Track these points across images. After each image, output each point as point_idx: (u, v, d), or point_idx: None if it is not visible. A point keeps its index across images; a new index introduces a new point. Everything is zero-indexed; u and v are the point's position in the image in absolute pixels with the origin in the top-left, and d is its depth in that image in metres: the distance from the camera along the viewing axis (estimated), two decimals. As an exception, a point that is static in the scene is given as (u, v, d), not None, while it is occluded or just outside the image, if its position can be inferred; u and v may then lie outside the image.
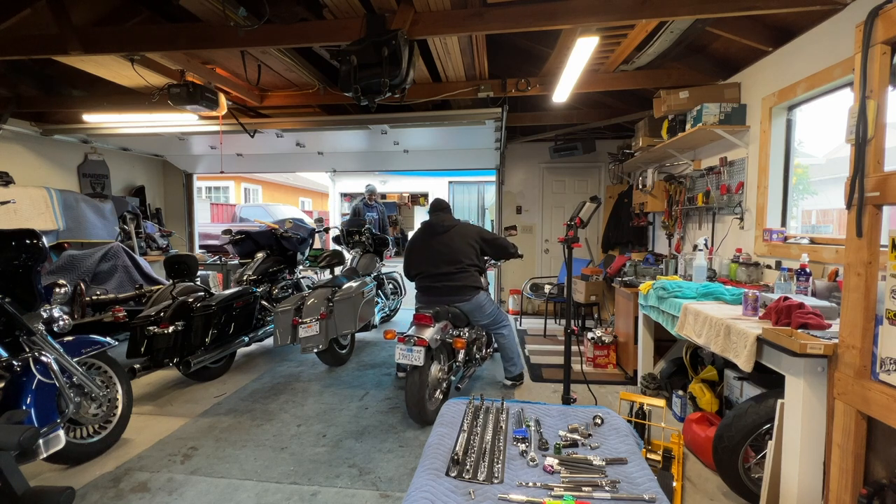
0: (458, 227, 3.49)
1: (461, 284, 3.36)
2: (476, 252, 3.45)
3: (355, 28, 2.92)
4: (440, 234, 3.47)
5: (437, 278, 3.40)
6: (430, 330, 2.94)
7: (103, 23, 3.46)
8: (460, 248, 3.39)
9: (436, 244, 3.45)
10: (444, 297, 3.36)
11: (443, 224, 3.49)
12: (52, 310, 2.39)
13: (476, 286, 3.41)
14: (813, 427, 1.83)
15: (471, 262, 3.42)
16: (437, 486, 1.44)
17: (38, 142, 5.11)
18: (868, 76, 1.52)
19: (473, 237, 3.48)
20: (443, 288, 3.38)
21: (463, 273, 3.37)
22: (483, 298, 3.45)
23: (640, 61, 3.76)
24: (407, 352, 2.84)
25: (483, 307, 3.45)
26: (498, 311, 3.58)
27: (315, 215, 14.84)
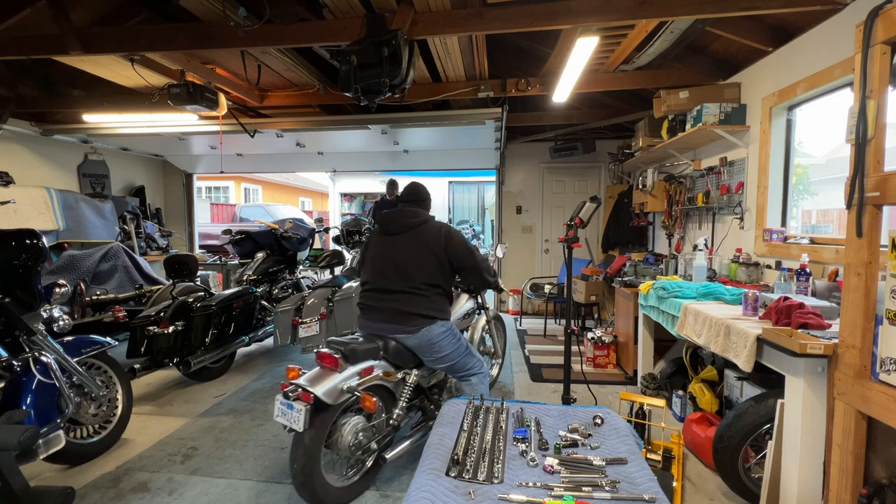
0: (420, 230, 2.45)
1: (406, 310, 2.35)
2: (440, 266, 2.42)
3: (355, 28, 2.92)
4: (393, 236, 2.48)
5: (380, 297, 2.44)
6: (332, 379, 2.05)
7: (103, 23, 3.46)
8: (415, 259, 2.40)
9: (386, 249, 2.48)
10: (383, 325, 2.40)
11: (400, 221, 2.48)
12: (52, 310, 2.39)
13: (427, 314, 2.37)
14: (813, 427, 1.83)
15: (428, 279, 2.39)
16: (437, 486, 1.44)
17: (38, 142, 5.11)
18: (868, 76, 1.52)
19: (439, 245, 2.40)
20: (385, 311, 2.39)
21: (414, 294, 2.38)
22: (438, 333, 2.38)
23: (640, 61, 3.76)
24: (286, 408, 1.99)
25: (436, 345, 2.39)
26: (466, 354, 2.52)
27: (315, 215, 14.85)
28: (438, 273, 2.43)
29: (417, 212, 2.53)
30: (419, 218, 2.49)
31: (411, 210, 2.54)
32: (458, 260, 2.45)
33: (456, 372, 2.54)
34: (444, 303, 2.50)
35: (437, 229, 2.46)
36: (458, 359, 2.48)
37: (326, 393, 2.00)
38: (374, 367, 2.23)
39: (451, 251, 2.42)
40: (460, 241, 2.47)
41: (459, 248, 2.45)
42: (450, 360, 2.47)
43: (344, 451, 2.15)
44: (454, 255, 2.43)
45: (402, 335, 2.38)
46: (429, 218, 2.53)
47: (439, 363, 2.48)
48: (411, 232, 2.45)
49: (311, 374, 2.08)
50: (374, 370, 2.23)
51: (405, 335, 2.37)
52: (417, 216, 2.50)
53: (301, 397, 1.99)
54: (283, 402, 2.01)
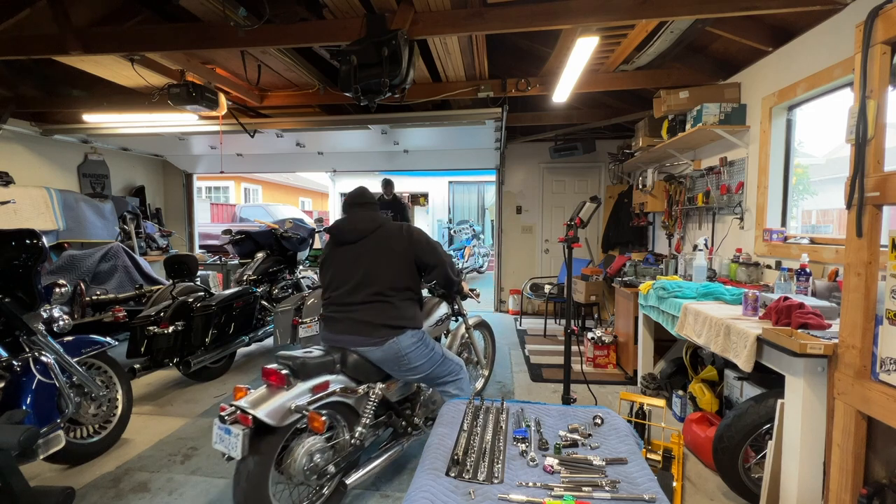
0: (379, 233, 2.28)
1: (369, 320, 2.16)
2: (407, 267, 2.27)
3: (355, 28, 2.92)
4: (351, 245, 2.30)
5: (342, 308, 2.25)
6: (278, 398, 1.83)
7: (103, 23, 3.47)
8: (378, 264, 2.23)
9: (345, 260, 2.30)
10: (345, 337, 2.21)
11: (356, 228, 2.31)
12: (52, 310, 2.39)
13: (394, 324, 2.18)
14: (813, 427, 1.83)
15: (395, 283, 2.22)
16: (437, 486, 1.44)
17: (38, 142, 5.11)
18: (868, 76, 1.52)
19: (402, 245, 2.25)
20: (346, 322, 2.21)
21: (378, 303, 2.19)
22: (407, 344, 2.19)
23: (640, 61, 3.76)
24: (223, 433, 1.75)
25: (405, 357, 2.21)
26: (440, 363, 2.35)
27: (315, 215, 14.85)
28: (406, 275, 2.27)
29: (373, 215, 2.35)
30: (376, 221, 2.32)
31: (366, 215, 2.35)
32: (423, 256, 2.28)
33: (431, 381, 2.39)
34: (414, 309, 2.30)
35: (397, 229, 2.31)
36: (431, 368, 2.31)
37: (270, 413, 1.76)
38: (329, 383, 2.01)
39: (415, 248, 2.27)
40: (423, 237, 2.33)
41: (423, 244, 2.29)
42: (422, 371, 2.29)
43: (298, 476, 1.92)
44: (419, 253, 2.27)
45: (365, 348, 2.18)
46: (385, 220, 2.37)
47: (410, 375, 2.30)
48: (371, 236, 2.28)
49: (255, 393, 1.86)
50: (330, 385, 2.01)
51: (369, 348, 2.17)
52: (374, 220, 2.32)
53: (239, 420, 1.75)
54: (220, 427, 1.76)
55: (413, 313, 2.28)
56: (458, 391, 2.39)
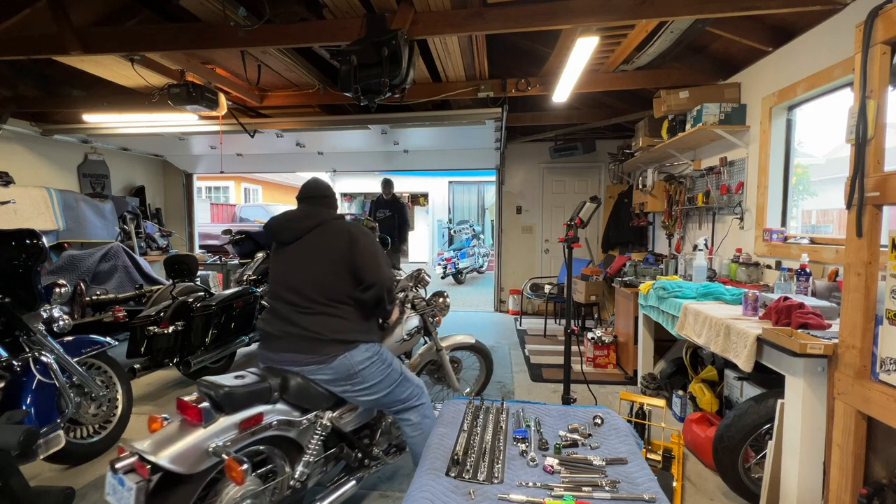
0: (317, 233, 1.97)
1: (314, 335, 1.86)
2: (350, 276, 1.93)
3: (355, 28, 2.92)
4: (287, 246, 2.02)
5: (280, 321, 1.93)
6: (192, 437, 1.49)
7: (103, 23, 3.46)
8: (314, 270, 1.92)
9: (282, 262, 2.02)
10: (286, 356, 1.88)
11: (292, 226, 2.01)
12: (52, 310, 2.39)
13: (344, 338, 1.89)
14: (813, 427, 1.83)
15: (335, 294, 1.91)
16: (437, 486, 1.44)
17: (38, 142, 5.11)
18: (868, 76, 1.52)
19: (341, 250, 1.93)
20: (286, 338, 1.89)
21: (324, 315, 1.89)
22: (360, 360, 1.90)
23: (640, 61, 3.76)
24: (116, 483, 1.41)
25: (358, 375, 1.90)
26: (398, 383, 2.03)
27: (315, 215, 14.82)
28: (348, 285, 1.93)
29: (314, 211, 2.03)
30: (315, 219, 1.99)
31: (306, 210, 2.04)
32: (362, 271, 1.92)
33: (388, 406, 2.05)
34: (367, 320, 2.00)
35: (339, 230, 1.98)
36: (388, 389, 1.98)
37: (178, 458, 1.42)
38: (262, 415, 1.68)
39: (356, 259, 1.92)
40: (369, 248, 1.96)
41: (367, 257, 1.93)
42: (378, 390, 1.96)
43: None
44: (359, 265, 1.92)
45: (311, 367, 1.86)
46: (328, 217, 2.02)
47: (365, 395, 1.95)
48: (307, 237, 1.98)
49: (161, 433, 1.51)
50: (265, 418, 1.68)
51: (316, 367, 1.86)
52: (313, 216, 2.00)
53: (136, 468, 1.39)
54: (112, 476, 1.40)
55: (366, 325, 1.99)
56: (420, 418, 2.07)
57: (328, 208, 2.11)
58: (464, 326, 5.92)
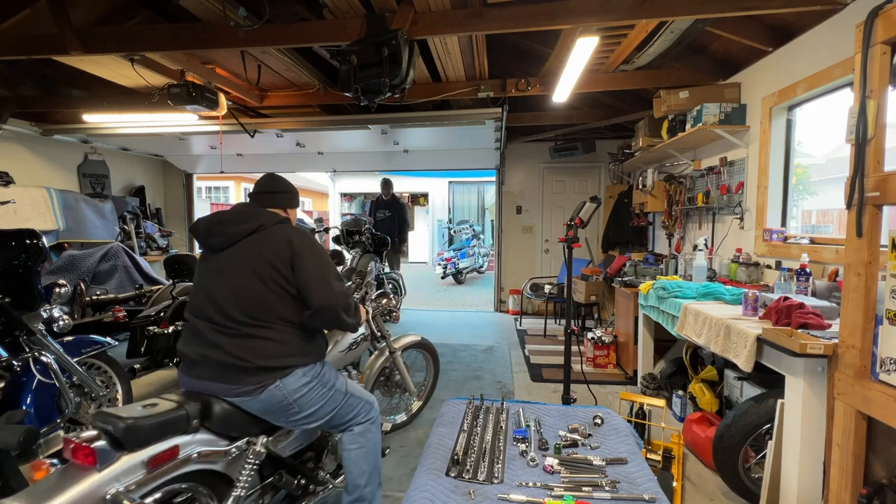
0: (253, 239, 1.67)
1: (238, 362, 1.57)
2: (283, 293, 1.64)
3: (355, 28, 2.92)
4: (217, 253, 1.71)
5: (200, 341, 1.64)
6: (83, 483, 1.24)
7: (103, 23, 3.46)
8: (244, 284, 1.62)
9: (208, 272, 1.71)
10: (207, 383, 1.61)
11: (224, 230, 1.70)
12: (52, 310, 2.39)
13: (275, 365, 1.61)
14: (813, 427, 1.83)
15: (270, 312, 1.63)
16: (437, 485, 1.44)
17: (38, 142, 5.11)
18: (868, 76, 1.52)
19: (280, 260, 1.64)
20: (206, 364, 1.61)
21: (249, 337, 1.60)
22: (295, 388, 1.64)
23: (640, 61, 3.76)
24: None
25: (294, 405, 1.65)
26: (344, 403, 1.79)
27: (315, 215, 14.86)
28: (285, 304, 1.64)
29: (252, 213, 1.73)
30: (252, 222, 1.69)
31: (245, 211, 1.75)
32: (305, 290, 1.63)
33: (334, 426, 1.83)
34: (305, 339, 1.71)
35: (278, 239, 1.66)
36: (331, 413, 1.75)
37: None
38: (179, 448, 1.43)
39: (297, 274, 1.62)
40: (314, 262, 1.66)
41: (309, 274, 1.63)
42: (318, 418, 1.72)
43: None
44: (301, 283, 1.63)
45: (237, 399, 1.60)
46: (269, 221, 1.71)
47: (302, 424, 1.73)
48: (240, 244, 1.67)
49: (46, 482, 1.25)
50: (182, 451, 1.44)
51: (242, 398, 1.59)
52: (250, 219, 1.69)
53: None
54: None
55: (304, 345, 1.70)
56: (364, 432, 1.85)
57: (276, 209, 1.82)
58: (464, 326, 5.92)
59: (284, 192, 1.87)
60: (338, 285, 1.69)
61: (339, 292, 1.67)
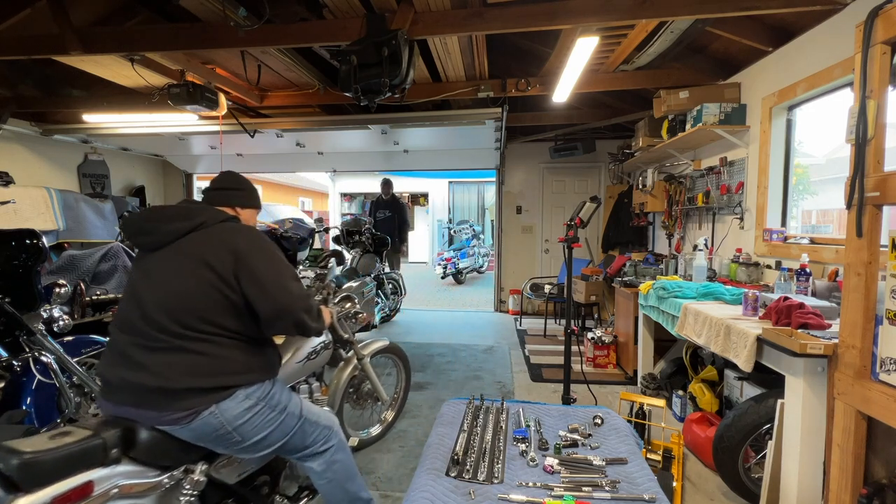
0: (191, 239, 1.47)
1: (162, 383, 1.33)
2: (224, 299, 1.42)
3: (355, 28, 2.92)
4: (150, 253, 1.50)
5: (116, 359, 1.41)
6: None
7: (103, 23, 3.46)
8: (176, 288, 1.41)
9: (137, 276, 1.50)
10: (128, 409, 1.37)
11: (158, 228, 1.48)
12: (52, 310, 2.39)
13: (210, 385, 1.38)
14: (813, 427, 1.83)
15: (200, 322, 1.39)
16: (437, 486, 1.44)
17: (38, 142, 5.11)
18: (868, 76, 1.52)
19: (223, 263, 1.42)
20: (120, 386, 1.38)
21: (169, 350, 1.37)
22: (235, 415, 1.41)
23: (640, 61, 3.76)
24: None
25: (232, 434, 1.42)
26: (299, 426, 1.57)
27: (315, 215, 14.86)
28: (230, 308, 1.42)
29: (196, 209, 1.52)
30: (193, 219, 1.48)
31: (185, 207, 1.54)
32: (254, 296, 1.41)
33: (288, 454, 1.62)
34: (251, 353, 1.48)
35: (222, 238, 1.46)
36: (282, 440, 1.53)
37: None
38: (93, 484, 1.23)
39: (242, 279, 1.41)
40: (266, 257, 1.47)
41: (257, 278, 1.42)
42: (265, 446, 1.51)
43: None
44: (247, 288, 1.41)
45: (169, 427, 1.37)
46: (213, 217, 1.51)
47: (246, 454, 1.51)
48: (176, 243, 1.46)
49: None
50: (97, 487, 1.24)
51: (174, 426, 1.36)
52: (192, 216, 1.48)
53: None
54: None
55: (251, 360, 1.47)
56: (327, 465, 1.64)
57: (227, 207, 1.62)
58: (463, 326, 5.92)
59: (240, 190, 1.69)
60: (296, 286, 1.50)
61: (299, 294, 1.49)
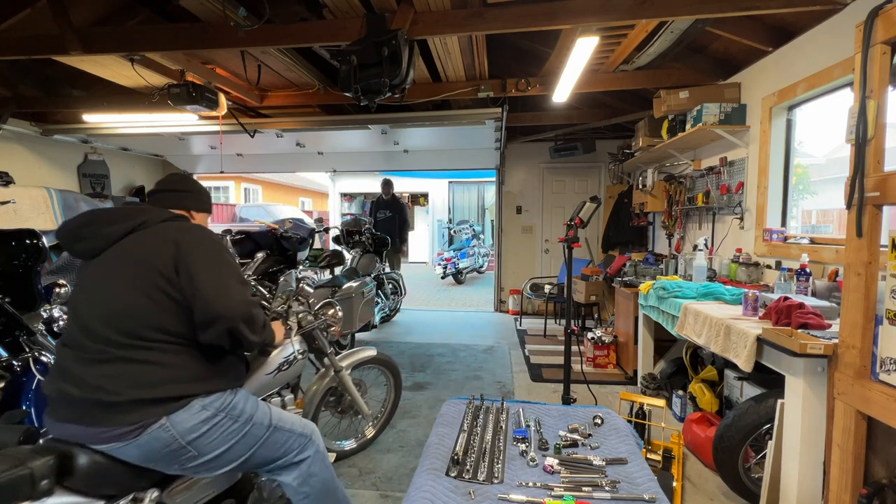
0: (134, 238, 1.37)
1: (103, 396, 1.22)
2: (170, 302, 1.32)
3: (355, 28, 2.92)
4: (93, 261, 1.40)
5: (57, 373, 1.31)
6: None
7: (103, 23, 3.46)
8: (117, 295, 1.31)
9: (81, 285, 1.40)
10: (71, 427, 1.25)
11: (100, 231, 1.38)
12: (52, 310, 2.39)
13: (154, 397, 1.26)
14: (813, 427, 1.83)
15: (146, 329, 1.29)
16: (437, 486, 1.44)
17: (38, 142, 5.11)
18: (868, 76, 1.52)
19: (165, 262, 1.32)
20: (61, 402, 1.28)
21: (112, 361, 1.27)
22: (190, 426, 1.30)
23: (640, 61, 3.76)
24: None
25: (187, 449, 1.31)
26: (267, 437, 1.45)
27: (315, 215, 14.86)
28: (178, 312, 1.31)
29: (136, 209, 1.42)
30: (133, 219, 1.38)
31: (125, 208, 1.45)
32: (192, 290, 1.29)
33: (257, 468, 1.50)
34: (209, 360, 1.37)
35: (165, 234, 1.36)
36: (248, 453, 1.41)
37: None
38: None
39: (182, 279, 1.30)
40: (209, 254, 1.36)
41: (199, 266, 1.31)
42: (230, 460, 1.38)
43: None
44: (186, 290, 1.30)
45: (107, 446, 1.24)
46: (155, 216, 1.40)
47: (207, 471, 1.38)
48: (116, 246, 1.35)
49: None
50: None
51: (113, 445, 1.23)
52: (131, 216, 1.39)
53: None
54: None
55: (203, 368, 1.35)
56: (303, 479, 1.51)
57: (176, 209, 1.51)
58: (463, 326, 5.92)
59: (190, 192, 1.57)
60: (239, 290, 1.35)
61: (240, 299, 1.33)
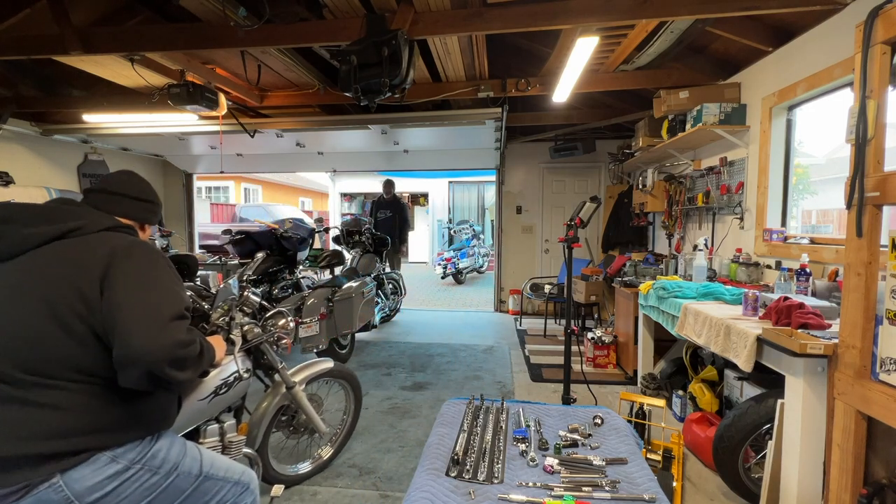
0: (59, 246, 1.13)
1: None
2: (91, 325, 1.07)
3: (355, 28, 2.92)
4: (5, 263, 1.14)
5: None
6: None
7: (103, 23, 3.46)
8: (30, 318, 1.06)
9: None
10: None
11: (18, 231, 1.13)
12: None
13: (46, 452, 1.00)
14: (813, 427, 1.83)
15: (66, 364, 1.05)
16: (437, 486, 1.44)
17: (38, 142, 5.11)
18: (868, 76, 1.52)
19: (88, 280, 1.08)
20: None
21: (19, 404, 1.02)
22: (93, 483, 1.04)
23: (640, 61, 3.76)
24: None
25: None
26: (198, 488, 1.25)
27: (315, 215, 14.86)
28: (90, 346, 1.08)
29: (68, 210, 1.21)
30: (62, 222, 1.16)
31: (55, 207, 1.22)
32: (109, 317, 1.06)
33: None
34: (128, 401, 1.13)
35: (99, 248, 1.14)
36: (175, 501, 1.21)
37: None
38: None
39: (106, 299, 1.08)
40: (140, 282, 1.12)
41: (125, 295, 1.08)
42: None
43: None
44: (106, 303, 1.07)
45: None
46: (93, 223, 1.19)
47: None
48: (33, 254, 1.13)
49: None
50: None
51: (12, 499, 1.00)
52: (60, 218, 1.17)
53: None
54: None
55: (118, 411, 1.12)
56: None
57: (115, 213, 1.29)
58: (463, 326, 5.92)
59: (137, 200, 1.36)
60: (169, 328, 1.08)
61: (168, 340, 1.06)
